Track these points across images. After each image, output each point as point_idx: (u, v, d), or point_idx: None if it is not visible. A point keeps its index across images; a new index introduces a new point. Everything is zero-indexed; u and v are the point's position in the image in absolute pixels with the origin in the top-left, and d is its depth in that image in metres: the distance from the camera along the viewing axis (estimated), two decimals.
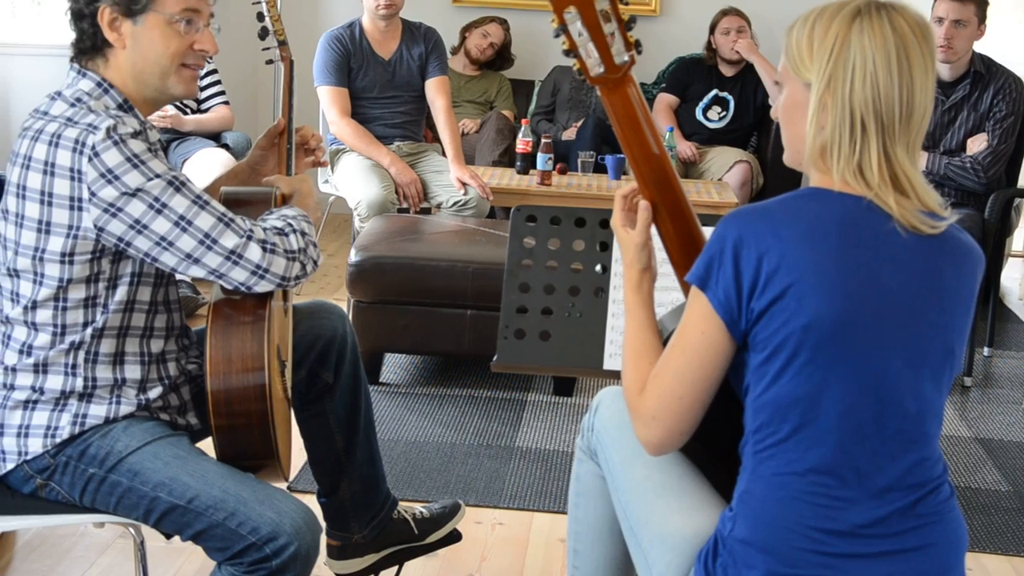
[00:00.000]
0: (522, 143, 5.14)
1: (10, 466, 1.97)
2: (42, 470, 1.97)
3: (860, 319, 1.57)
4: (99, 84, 1.98)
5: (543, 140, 4.98)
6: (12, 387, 1.97)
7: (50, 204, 1.88)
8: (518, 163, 5.17)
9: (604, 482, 1.95)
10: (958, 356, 1.66)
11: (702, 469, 1.84)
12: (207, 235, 1.90)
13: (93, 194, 1.86)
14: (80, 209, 1.87)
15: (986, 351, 4.70)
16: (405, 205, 4.81)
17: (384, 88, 4.91)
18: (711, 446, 1.79)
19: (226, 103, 5.20)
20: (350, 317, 4.06)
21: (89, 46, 1.98)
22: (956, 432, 3.87)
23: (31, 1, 5.45)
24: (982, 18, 4.35)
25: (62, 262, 1.91)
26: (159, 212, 1.87)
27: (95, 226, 1.88)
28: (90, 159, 1.85)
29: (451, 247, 4.06)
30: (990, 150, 4.33)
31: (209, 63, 5.14)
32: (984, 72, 4.41)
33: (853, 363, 1.58)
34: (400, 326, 3.91)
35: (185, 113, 5.06)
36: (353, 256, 3.88)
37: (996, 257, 4.54)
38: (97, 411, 1.96)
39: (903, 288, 1.59)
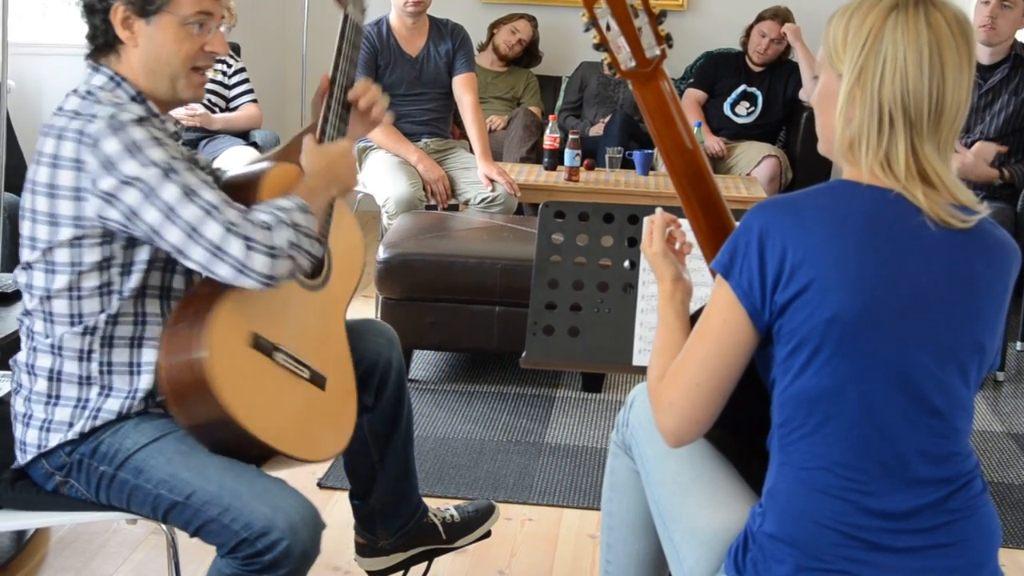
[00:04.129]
0: (549, 139, 5.14)
1: (29, 458, 2.00)
2: (60, 468, 1.99)
3: (885, 313, 1.56)
4: (111, 78, 1.98)
5: (570, 136, 4.98)
6: (33, 371, 1.99)
7: (55, 197, 1.90)
8: (545, 159, 5.17)
9: (638, 477, 1.95)
10: (989, 351, 1.65)
11: (736, 463, 1.84)
12: (191, 226, 1.85)
13: (94, 183, 1.87)
14: (82, 199, 1.88)
15: (1019, 345, 4.67)
16: (433, 202, 4.82)
17: (411, 85, 4.91)
18: (745, 440, 1.78)
19: (255, 101, 5.23)
20: (378, 314, 4.07)
21: (102, 42, 1.99)
22: (989, 427, 3.84)
23: (62, 1, 5.49)
24: None
25: (71, 247, 1.92)
26: (151, 202, 1.85)
27: (97, 215, 1.89)
28: (91, 148, 1.86)
29: (479, 244, 4.06)
30: None
31: (237, 62, 5.18)
32: None
33: (878, 357, 1.57)
34: (429, 323, 3.92)
35: (214, 112, 5.08)
36: (381, 253, 3.89)
37: None
38: (111, 405, 1.97)
39: (931, 282, 1.58)
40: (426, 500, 3.13)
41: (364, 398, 2.34)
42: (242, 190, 2.02)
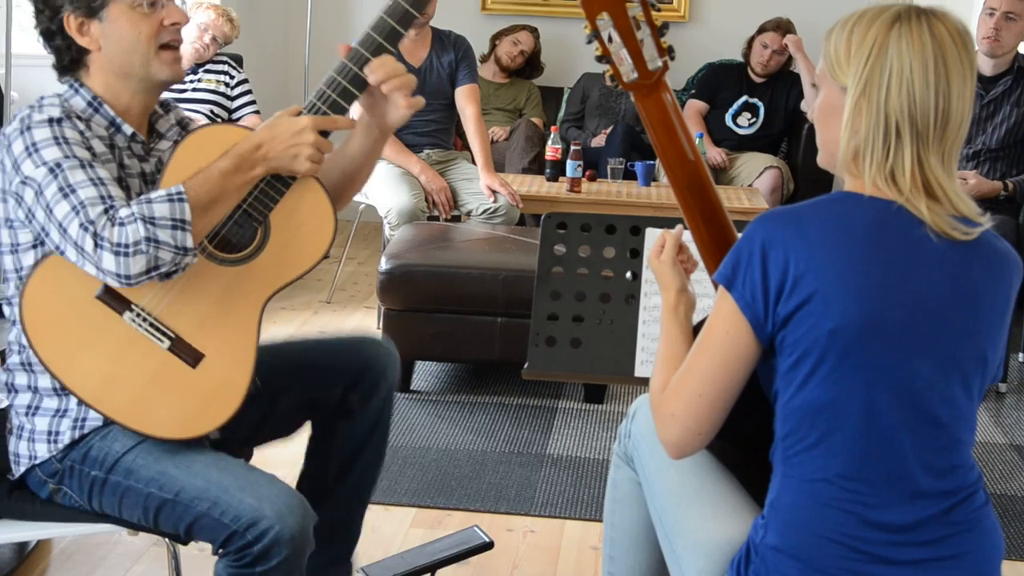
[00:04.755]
0: (551, 150, 5.15)
1: (22, 469, 2.01)
2: (52, 475, 1.99)
3: (888, 324, 1.56)
4: (71, 85, 2.01)
5: (572, 147, 4.98)
6: (14, 387, 2.01)
7: None
8: (547, 170, 5.17)
9: (640, 488, 1.95)
10: (992, 363, 1.65)
11: (738, 475, 1.83)
12: (62, 224, 1.83)
13: (9, 183, 1.90)
14: (5, 200, 1.92)
15: (1021, 357, 4.66)
16: (435, 213, 4.82)
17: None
18: (748, 451, 1.78)
19: (257, 112, 5.24)
20: (380, 325, 4.07)
21: (68, 61, 2.00)
22: (991, 439, 3.83)
23: None
24: None
25: (12, 252, 1.95)
26: (39, 201, 1.85)
27: (15, 216, 1.92)
28: (6, 150, 1.89)
29: (481, 255, 4.06)
30: None
31: (240, 73, 5.19)
32: None
33: (881, 369, 1.57)
34: (431, 334, 3.92)
35: (216, 123, 5.09)
36: (383, 264, 3.89)
37: None
38: (96, 414, 1.96)
39: (933, 294, 1.58)
40: (428, 512, 3.14)
41: (351, 398, 2.29)
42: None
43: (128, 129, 2.01)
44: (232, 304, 2.00)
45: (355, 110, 2.12)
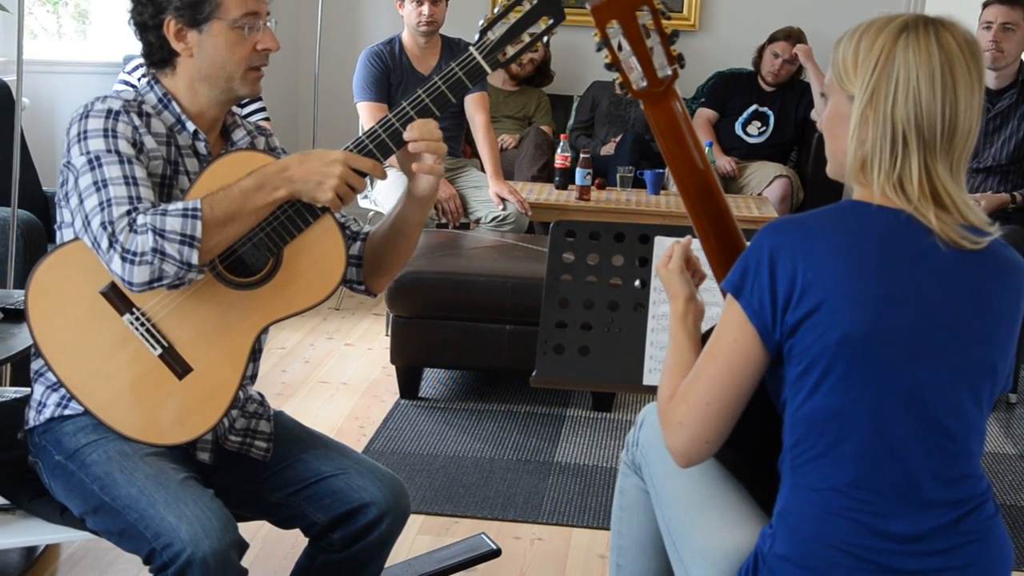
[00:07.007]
0: (561, 158, 5.15)
1: (30, 424, 2.06)
2: (33, 446, 2.04)
3: (897, 333, 1.56)
4: (149, 81, 2.07)
5: (582, 155, 4.99)
6: (35, 351, 2.04)
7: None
8: (557, 178, 5.17)
9: (648, 497, 1.94)
10: (1001, 373, 1.65)
11: (746, 484, 1.83)
12: (87, 216, 1.89)
13: (62, 163, 1.98)
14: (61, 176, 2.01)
15: None
16: (444, 220, 4.83)
17: None
18: (756, 460, 1.78)
19: (267, 120, 5.24)
20: (388, 331, 4.07)
21: (157, 58, 2.05)
22: (1001, 449, 3.82)
23: (77, 20, 5.53)
24: None
25: (58, 228, 2.02)
26: (75, 187, 1.92)
27: (61, 195, 1.98)
28: (67, 130, 1.97)
29: (490, 262, 4.06)
30: None
31: None
32: None
33: (889, 378, 1.57)
34: (439, 341, 3.92)
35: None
36: None
37: None
38: (77, 404, 1.99)
39: (942, 303, 1.58)
40: (436, 519, 3.13)
41: (334, 536, 2.11)
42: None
43: (191, 127, 2.05)
44: (229, 326, 2.01)
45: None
